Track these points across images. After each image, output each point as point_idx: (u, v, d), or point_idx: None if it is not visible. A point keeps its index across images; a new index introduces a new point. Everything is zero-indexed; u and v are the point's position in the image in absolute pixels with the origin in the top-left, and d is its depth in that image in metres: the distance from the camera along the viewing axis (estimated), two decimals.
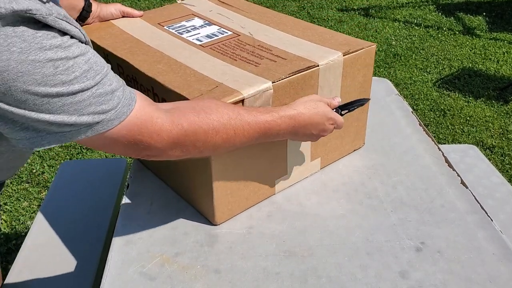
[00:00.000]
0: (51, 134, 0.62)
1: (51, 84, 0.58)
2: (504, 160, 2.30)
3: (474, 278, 0.80)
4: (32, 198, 2.12)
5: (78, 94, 0.61)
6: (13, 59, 0.55)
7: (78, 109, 0.61)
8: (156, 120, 0.68)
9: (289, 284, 0.80)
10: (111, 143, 0.67)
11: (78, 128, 0.63)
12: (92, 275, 1.14)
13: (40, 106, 0.59)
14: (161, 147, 0.70)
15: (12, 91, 0.56)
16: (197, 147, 0.73)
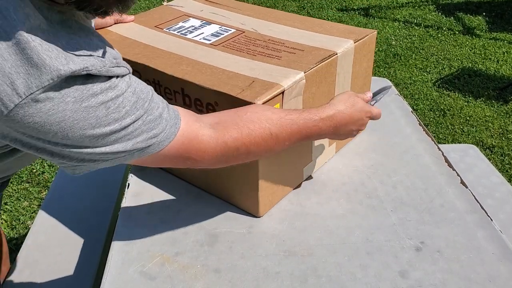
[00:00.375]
0: (106, 161, 0.66)
1: (105, 124, 0.61)
2: (503, 160, 2.31)
3: (473, 277, 0.80)
4: (32, 198, 2.12)
5: (130, 126, 0.64)
6: (68, 109, 0.57)
7: (131, 138, 0.65)
8: (201, 138, 0.72)
9: (289, 283, 0.80)
10: (160, 160, 0.71)
11: (132, 153, 0.66)
12: (92, 275, 1.14)
13: (96, 143, 0.62)
14: (206, 161, 0.74)
15: (69, 137, 0.59)
16: (239, 159, 0.77)
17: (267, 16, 1.10)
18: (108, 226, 1.28)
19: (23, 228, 1.97)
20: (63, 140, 0.60)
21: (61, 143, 0.60)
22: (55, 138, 0.59)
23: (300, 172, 1.00)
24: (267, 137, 0.76)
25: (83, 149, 0.62)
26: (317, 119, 0.80)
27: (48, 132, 0.58)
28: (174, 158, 0.71)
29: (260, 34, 1.01)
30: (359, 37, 0.99)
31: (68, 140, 0.60)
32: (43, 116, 0.56)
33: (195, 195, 0.99)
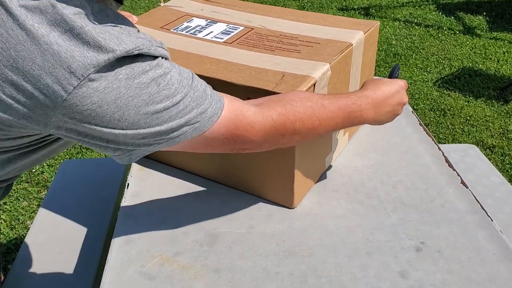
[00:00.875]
0: (160, 143, 0.68)
1: (158, 101, 0.63)
2: (504, 159, 2.30)
3: (474, 278, 0.80)
4: (31, 198, 2.12)
5: (181, 103, 0.65)
6: (122, 86, 0.60)
7: (183, 116, 0.66)
8: (247, 112, 0.72)
9: (289, 283, 0.80)
10: (211, 142, 0.71)
11: (184, 132, 0.67)
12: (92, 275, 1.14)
13: (151, 121, 0.64)
14: (256, 139, 0.73)
15: (125, 117, 0.62)
16: (285, 137, 0.76)
17: (270, 12, 1.11)
18: (108, 226, 1.27)
19: (22, 228, 1.97)
20: (119, 122, 0.62)
21: (118, 126, 0.62)
22: (112, 120, 0.61)
23: (323, 161, 1.02)
24: (311, 114, 0.76)
25: (139, 130, 0.64)
26: (355, 98, 0.81)
27: (105, 113, 0.60)
28: (224, 138, 0.71)
29: (270, 30, 1.02)
30: (367, 28, 1.01)
31: (124, 122, 0.62)
32: (99, 95, 0.59)
33: (195, 195, 0.99)
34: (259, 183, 0.96)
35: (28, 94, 0.58)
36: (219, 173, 1.01)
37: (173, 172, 1.06)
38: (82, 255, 1.19)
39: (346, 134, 1.10)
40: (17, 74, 0.57)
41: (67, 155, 2.35)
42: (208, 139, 0.70)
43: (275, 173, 0.92)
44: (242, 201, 0.97)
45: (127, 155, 0.69)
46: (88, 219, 1.29)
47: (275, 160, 0.90)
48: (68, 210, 1.33)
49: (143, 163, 1.09)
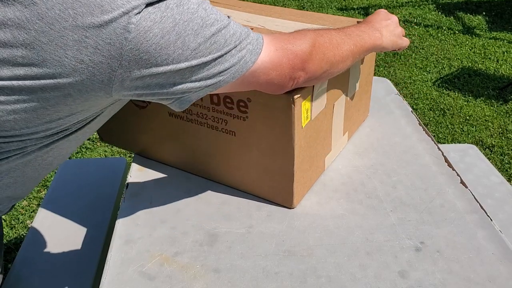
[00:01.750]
0: (225, 74, 0.69)
1: (210, 23, 0.66)
2: (503, 159, 2.30)
3: (473, 277, 0.80)
4: (31, 197, 2.12)
5: (230, 27, 0.68)
6: (176, 13, 0.62)
7: (237, 39, 0.69)
8: (287, 36, 0.76)
9: (289, 283, 0.80)
10: (269, 67, 0.73)
11: (243, 56, 0.70)
12: (92, 275, 1.14)
13: (211, 47, 0.66)
14: (311, 64, 0.77)
15: (187, 42, 0.64)
16: (327, 58, 0.79)
17: (268, 12, 1.11)
18: (107, 226, 1.27)
19: (22, 228, 1.97)
20: (183, 51, 0.63)
21: (182, 57, 0.64)
22: (176, 51, 0.63)
23: (323, 162, 1.02)
24: (331, 33, 0.81)
25: (202, 59, 0.66)
26: (351, 25, 0.89)
27: (168, 44, 0.62)
28: (281, 58, 0.73)
29: (269, 30, 1.01)
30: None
31: (187, 50, 0.64)
32: (159, 26, 0.61)
33: (195, 195, 0.99)
34: (258, 183, 0.96)
35: (91, 50, 0.59)
36: (219, 173, 1.01)
37: (173, 172, 1.06)
38: (82, 255, 1.19)
39: (346, 134, 1.10)
40: (78, 32, 0.58)
41: None
42: (265, 64, 0.72)
43: (274, 173, 0.92)
44: (242, 201, 0.97)
45: (187, 96, 0.70)
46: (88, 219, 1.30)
47: (274, 160, 0.90)
48: (68, 209, 1.33)
49: (143, 163, 1.09)
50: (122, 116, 1.07)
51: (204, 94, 0.72)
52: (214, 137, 0.95)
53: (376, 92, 1.34)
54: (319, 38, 0.79)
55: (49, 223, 1.28)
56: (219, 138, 0.94)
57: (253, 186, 0.97)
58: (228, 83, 0.71)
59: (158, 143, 1.06)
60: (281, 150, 0.88)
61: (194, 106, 0.94)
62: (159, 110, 1.00)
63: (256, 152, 0.92)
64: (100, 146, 2.41)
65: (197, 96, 0.71)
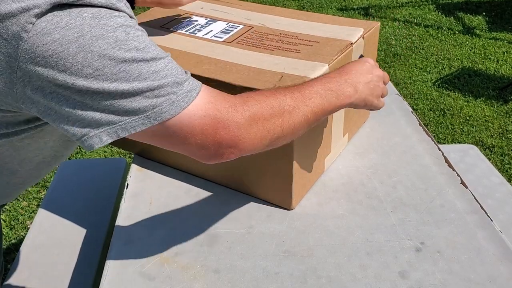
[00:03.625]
0: (130, 115, 0.60)
1: (125, 48, 0.58)
2: (503, 159, 2.30)
3: (473, 278, 0.80)
4: (31, 198, 2.12)
5: (153, 63, 0.60)
6: (86, 24, 0.56)
7: (156, 79, 0.60)
8: (228, 96, 0.67)
9: (289, 284, 0.80)
10: (189, 130, 0.63)
11: (159, 104, 0.60)
12: (92, 275, 1.14)
13: (118, 74, 0.58)
14: (241, 122, 0.65)
15: (89, 59, 0.57)
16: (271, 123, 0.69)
17: (269, 11, 1.11)
18: (107, 226, 1.27)
19: (22, 228, 1.97)
20: (83, 66, 0.57)
21: (82, 73, 0.57)
22: (75, 64, 0.57)
23: (322, 163, 1.01)
24: (283, 99, 0.70)
25: (103, 84, 0.58)
26: (321, 76, 0.78)
27: (67, 54, 0.56)
28: (205, 124, 0.63)
29: (270, 29, 1.01)
30: (367, 29, 1.01)
31: (88, 67, 0.57)
32: (60, 31, 0.55)
33: (195, 195, 0.99)
34: (257, 184, 0.96)
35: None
36: (217, 174, 1.01)
37: (173, 172, 1.06)
38: (81, 255, 1.19)
39: (346, 135, 1.10)
40: None
41: None
42: (185, 125, 0.62)
43: (273, 174, 0.91)
44: (242, 202, 0.97)
45: (91, 136, 0.61)
46: (88, 219, 1.29)
47: (273, 161, 0.90)
48: (68, 210, 1.33)
49: (142, 164, 1.09)
50: None
51: (112, 139, 0.62)
52: None
53: None
54: (264, 109, 0.68)
55: (49, 223, 1.28)
56: None
57: (251, 187, 0.97)
58: (135, 131, 0.61)
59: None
60: (280, 151, 0.87)
61: None
62: None
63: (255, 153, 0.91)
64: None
65: (104, 139, 0.62)
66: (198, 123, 0.63)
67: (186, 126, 0.63)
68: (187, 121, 0.62)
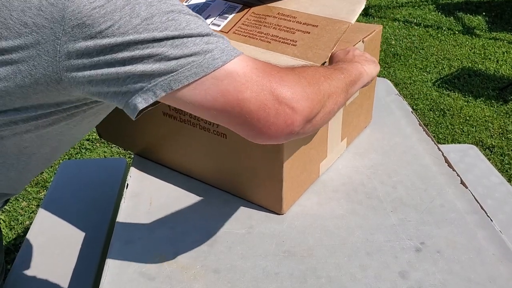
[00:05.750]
0: (181, 63, 0.58)
1: (172, 3, 0.58)
2: (503, 160, 2.30)
3: (473, 278, 0.80)
4: (31, 198, 2.11)
5: (199, 20, 0.60)
6: None
7: (205, 29, 0.59)
8: (270, 64, 0.64)
9: (289, 284, 0.80)
10: (242, 81, 0.59)
11: (210, 50, 0.58)
12: (92, 275, 1.14)
13: (167, 22, 0.57)
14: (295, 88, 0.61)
15: (136, 9, 0.56)
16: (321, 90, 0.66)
17: None
18: (107, 226, 1.27)
19: (21, 228, 1.97)
20: (130, 19, 0.56)
21: (129, 27, 0.56)
22: (123, 17, 0.56)
23: (317, 168, 1.00)
24: (316, 67, 0.72)
25: (151, 33, 0.56)
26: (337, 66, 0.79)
27: (115, 9, 0.55)
28: (255, 84, 0.59)
29: (268, 7, 0.98)
30: (368, 32, 1.00)
31: (137, 18, 0.56)
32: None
33: (195, 196, 0.99)
34: (249, 187, 0.95)
35: (34, 12, 0.55)
36: (213, 176, 1.00)
37: (173, 172, 1.06)
38: (81, 256, 1.19)
39: (344, 140, 1.08)
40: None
41: (66, 155, 2.35)
42: (238, 74, 0.59)
43: (264, 178, 0.91)
44: (242, 202, 0.97)
45: (144, 90, 0.59)
46: (88, 219, 1.29)
47: (264, 165, 0.89)
48: (68, 210, 1.33)
49: (143, 164, 1.09)
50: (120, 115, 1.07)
51: (157, 97, 0.59)
52: (206, 139, 0.94)
53: (376, 92, 1.34)
54: (306, 69, 0.67)
55: (48, 224, 1.28)
56: (211, 140, 0.93)
57: (243, 190, 0.96)
58: (188, 81, 0.58)
59: (155, 143, 1.06)
60: (270, 154, 0.86)
61: None
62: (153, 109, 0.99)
63: (246, 156, 0.91)
64: (100, 146, 2.41)
65: (148, 98, 0.59)
66: (251, 72, 0.59)
67: (241, 75, 0.59)
68: (241, 69, 0.59)
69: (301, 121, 0.62)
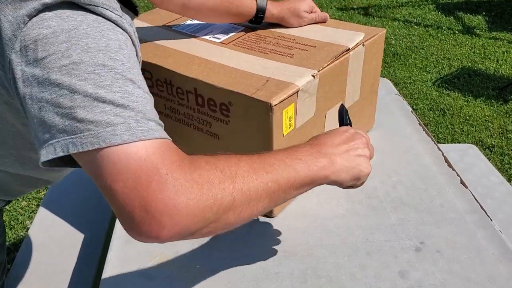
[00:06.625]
0: (82, 131, 0.52)
1: (111, 56, 0.55)
2: (503, 159, 2.30)
3: (473, 277, 0.80)
4: (30, 198, 2.11)
5: (130, 84, 0.55)
6: (86, 23, 0.56)
7: (126, 97, 0.54)
8: (181, 154, 0.58)
9: (289, 284, 0.80)
10: (121, 168, 0.52)
11: (115, 124, 0.52)
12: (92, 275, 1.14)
13: (90, 73, 0.53)
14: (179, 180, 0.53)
15: (71, 50, 0.54)
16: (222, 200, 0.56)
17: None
18: (107, 226, 1.27)
19: (21, 228, 1.97)
20: (62, 57, 0.54)
21: (59, 64, 0.54)
22: (57, 53, 0.54)
23: None
24: (236, 162, 0.59)
25: (73, 79, 0.53)
26: (287, 148, 0.67)
27: (54, 42, 0.54)
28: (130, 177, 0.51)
29: (270, 31, 1.02)
30: (369, 35, 0.99)
31: (66, 59, 0.54)
32: (59, 21, 0.55)
33: None
34: None
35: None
36: None
37: None
38: (81, 255, 1.19)
39: None
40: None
41: None
42: (123, 158, 0.52)
43: None
44: None
45: (43, 147, 0.55)
46: (88, 219, 1.29)
47: None
48: (68, 210, 1.33)
49: None
50: None
51: (56, 155, 0.53)
52: (200, 139, 0.94)
53: None
54: (212, 171, 0.55)
55: (48, 223, 1.28)
56: (205, 140, 0.93)
57: None
58: (83, 149, 0.52)
59: None
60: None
61: (180, 106, 0.93)
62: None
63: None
64: None
65: (48, 154, 0.54)
66: (135, 165, 0.52)
67: (126, 162, 0.52)
68: (135, 156, 0.52)
69: (169, 236, 0.53)
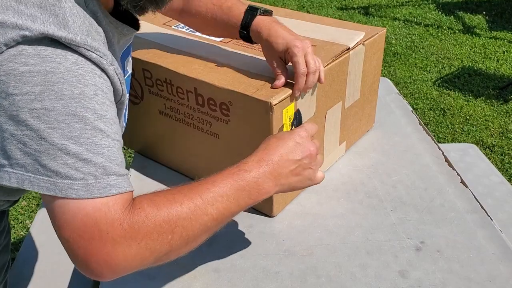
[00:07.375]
0: (42, 174, 0.55)
1: (84, 105, 0.55)
2: (503, 159, 2.30)
3: (473, 277, 0.80)
4: (30, 198, 2.11)
5: (99, 135, 0.56)
6: (64, 65, 0.55)
7: (91, 151, 0.55)
8: (128, 207, 0.61)
9: (289, 283, 0.80)
10: (68, 221, 0.58)
11: (74, 178, 0.55)
12: None
13: (60, 123, 0.54)
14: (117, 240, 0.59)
15: (45, 95, 0.54)
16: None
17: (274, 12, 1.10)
18: None
19: (21, 228, 1.97)
20: (34, 101, 0.53)
21: (30, 107, 0.53)
22: (29, 95, 0.53)
23: None
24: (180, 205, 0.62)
25: (42, 125, 0.54)
26: (239, 166, 0.69)
27: (28, 82, 0.53)
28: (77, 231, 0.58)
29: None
30: (369, 35, 0.99)
31: (38, 103, 0.53)
32: (37, 60, 0.54)
33: None
34: None
35: None
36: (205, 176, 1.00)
37: (173, 172, 1.06)
38: None
39: (343, 144, 1.07)
40: None
41: None
42: (74, 210, 0.56)
43: None
44: None
45: (5, 170, 0.56)
46: None
47: None
48: None
49: (143, 163, 1.09)
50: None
51: (19, 186, 0.56)
52: (200, 139, 0.94)
53: None
54: (151, 226, 0.59)
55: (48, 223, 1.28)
56: (205, 139, 0.93)
57: None
58: (38, 190, 0.55)
59: (153, 142, 1.06)
60: None
61: (181, 106, 0.93)
62: (149, 107, 1.00)
63: (238, 157, 0.90)
64: None
65: (12, 180, 0.56)
66: (81, 220, 0.56)
67: (71, 213, 0.56)
68: (75, 211, 0.56)
69: (111, 279, 0.63)
